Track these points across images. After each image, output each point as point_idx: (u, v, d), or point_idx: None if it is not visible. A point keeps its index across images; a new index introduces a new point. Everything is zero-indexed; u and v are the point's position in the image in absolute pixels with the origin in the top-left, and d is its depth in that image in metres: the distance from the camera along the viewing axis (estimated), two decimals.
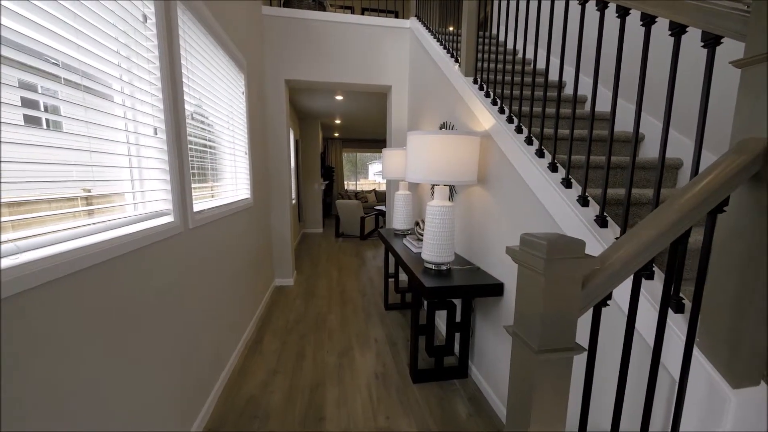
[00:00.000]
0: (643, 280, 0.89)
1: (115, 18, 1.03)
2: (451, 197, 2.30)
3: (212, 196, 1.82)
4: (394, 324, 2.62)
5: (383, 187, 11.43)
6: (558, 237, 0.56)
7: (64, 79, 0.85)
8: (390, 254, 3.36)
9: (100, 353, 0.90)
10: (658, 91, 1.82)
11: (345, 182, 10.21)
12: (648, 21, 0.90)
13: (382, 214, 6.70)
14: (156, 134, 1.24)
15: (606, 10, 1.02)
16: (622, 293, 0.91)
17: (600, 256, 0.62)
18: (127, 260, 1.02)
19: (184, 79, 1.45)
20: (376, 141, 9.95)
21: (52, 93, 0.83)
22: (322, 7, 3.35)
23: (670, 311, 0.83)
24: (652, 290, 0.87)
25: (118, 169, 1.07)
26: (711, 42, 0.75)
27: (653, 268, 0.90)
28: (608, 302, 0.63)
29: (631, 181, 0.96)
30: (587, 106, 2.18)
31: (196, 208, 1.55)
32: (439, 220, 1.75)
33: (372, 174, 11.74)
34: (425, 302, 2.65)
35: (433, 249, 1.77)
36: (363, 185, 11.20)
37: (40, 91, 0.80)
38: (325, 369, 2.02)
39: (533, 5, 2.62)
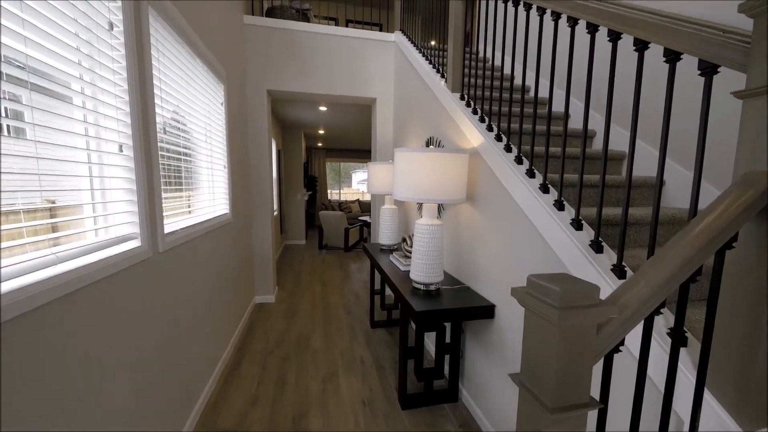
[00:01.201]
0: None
1: (73, 24, 0.93)
2: (439, 214, 2.26)
3: (189, 212, 1.70)
4: (380, 343, 2.53)
5: (367, 197, 11.36)
6: (571, 282, 0.51)
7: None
8: (376, 270, 3.28)
9: (57, 397, 0.77)
10: (650, 114, 1.86)
11: (328, 191, 10.08)
12: (641, 46, 0.89)
13: (367, 225, 6.62)
14: (122, 151, 1.13)
15: (597, 33, 1.03)
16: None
17: (612, 300, 0.57)
18: (86, 293, 0.90)
19: (156, 91, 1.34)
20: (359, 151, 9.92)
21: None
22: (306, 18, 3.30)
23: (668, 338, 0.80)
24: (656, 324, 0.83)
25: (77, 191, 0.96)
26: (708, 70, 0.74)
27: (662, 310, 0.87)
28: (620, 348, 0.59)
29: (627, 207, 0.94)
30: (596, 142, 2.20)
31: (168, 228, 1.43)
32: (428, 239, 1.70)
33: (355, 183, 11.67)
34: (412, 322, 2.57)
35: (421, 269, 1.71)
36: (346, 194, 11.10)
37: None
38: (309, 396, 1.90)
39: (518, 22, 2.66)
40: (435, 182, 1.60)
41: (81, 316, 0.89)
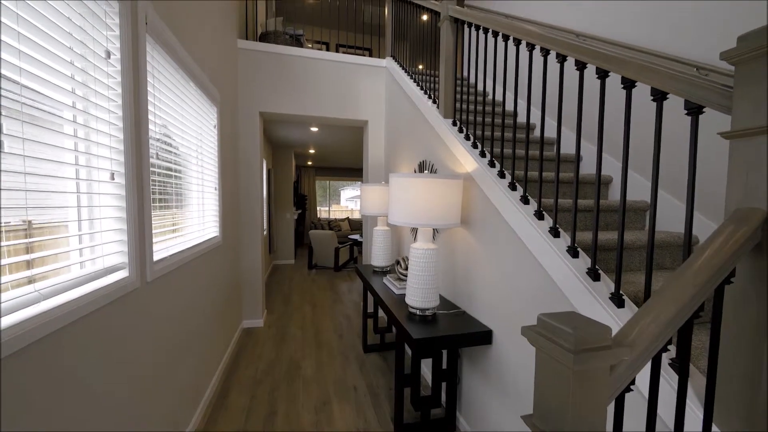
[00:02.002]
0: None
1: (69, 53, 0.92)
2: (433, 237, 2.27)
3: (179, 237, 1.65)
4: (374, 369, 2.46)
5: (356, 215, 11.35)
6: (583, 324, 0.51)
7: None
8: (369, 293, 3.23)
9: None
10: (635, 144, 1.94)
11: (318, 209, 10.03)
12: (628, 85, 0.93)
13: (357, 243, 6.58)
14: (113, 179, 1.09)
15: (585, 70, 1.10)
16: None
17: (622, 339, 0.57)
18: (68, 332, 0.85)
19: (150, 117, 1.33)
20: (349, 169, 9.97)
21: None
22: (299, 43, 3.38)
23: (673, 373, 0.80)
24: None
25: (64, 223, 0.92)
26: (694, 110, 0.78)
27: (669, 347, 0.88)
28: (632, 387, 0.58)
29: (622, 236, 0.96)
30: (584, 167, 2.27)
31: (158, 256, 1.38)
32: (423, 263, 1.69)
33: (344, 200, 11.67)
34: (407, 346, 2.52)
35: (417, 293, 1.70)
36: (335, 211, 11.06)
37: None
38: (301, 428, 1.81)
39: (507, 54, 2.79)
40: (430, 207, 1.61)
41: (62, 357, 0.83)
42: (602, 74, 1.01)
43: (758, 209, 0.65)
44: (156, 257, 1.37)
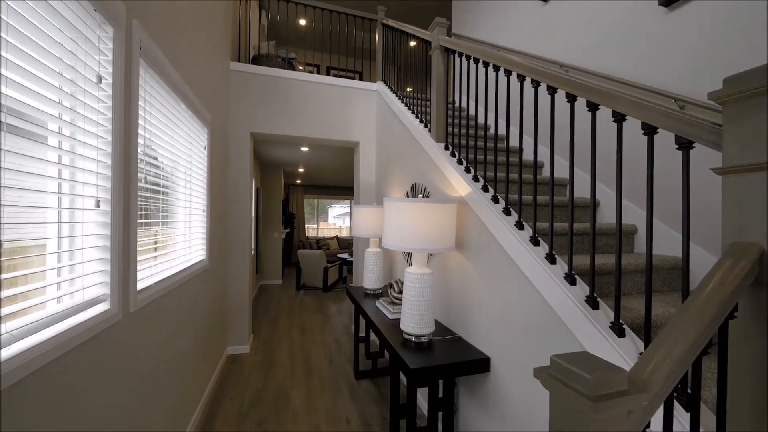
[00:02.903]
0: None
1: (57, 78, 0.89)
2: (428, 260, 2.25)
3: (165, 262, 1.57)
4: (366, 397, 2.37)
5: (345, 233, 11.27)
6: (599, 367, 0.50)
7: None
8: (361, 316, 3.16)
9: None
10: (611, 163, 2.00)
11: (306, 227, 9.91)
12: (619, 118, 0.97)
13: (346, 263, 6.49)
14: (98, 206, 1.04)
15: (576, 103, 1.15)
16: None
17: (635, 380, 0.55)
18: (38, 376, 0.78)
19: (140, 140, 1.29)
20: (338, 187, 9.97)
21: None
22: (291, 66, 3.42)
23: (682, 409, 0.79)
24: None
25: (42, 255, 0.86)
26: (685, 145, 0.81)
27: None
28: (647, 431, 0.56)
29: (619, 264, 0.97)
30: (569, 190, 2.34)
31: (142, 284, 1.31)
32: (419, 288, 1.66)
33: (332, 217, 11.60)
34: (402, 374, 2.44)
35: (413, 319, 1.66)
36: (323, 229, 10.96)
37: None
38: None
39: (498, 82, 2.89)
40: (425, 231, 1.60)
41: (29, 403, 0.76)
42: (593, 107, 1.04)
43: (755, 244, 0.66)
44: (140, 285, 1.30)
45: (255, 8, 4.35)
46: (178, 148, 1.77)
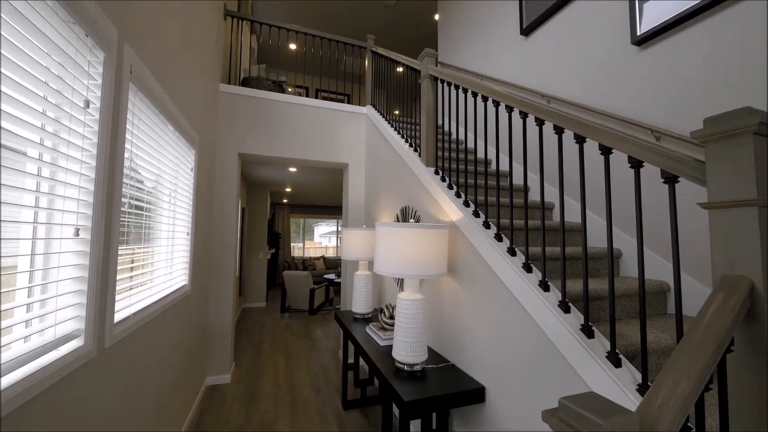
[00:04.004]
0: None
1: (41, 103, 0.86)
2: (420, 285, 2.23)
3: (139, 285, 1.49)
4: (356, 430, 2.26)
5: (331, 252, 11.12)
6: (612, 411, 0.48)
7: None
8: (349, 341, 3.06)
9: None
10: (600, 190, 2.07)
11: (292, 246, 9.73)
12: (605, 151, 1.01)
13: (333, 284, 6.36)
14: (78, 236, 0.99)
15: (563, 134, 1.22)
16: None
17: (645, 416, 0.54)
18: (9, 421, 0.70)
19: (126, 163, 1.25)
20: (325, 207, 9.93)
21: None
22: (281, 89, 3.46)
23: None
24: None
25: (13, 284, 0.80)
26: (671, 179, 0.84)
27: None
28: None
29: (612, 292, 0.98)
30: (556, 214, 2.37)
31: (119, 316, 1.23)
32: (411, 314, 1.63)
33: (318, 236, 11.45)
34: (397, 408, 2.35)
35: (405, 347, 1.61)
36: (309, 247, 10.78)
37: None
38: None
39: (487, 112, 3.00)
40: (417, 257, 1.59)
41: None
42: (580, 140, 1.08)
43: (744, 277, 0.68)
44: (117, 317, 1.22)
45: (246, 32, 4.42)
46: (165, 170, 1.72)
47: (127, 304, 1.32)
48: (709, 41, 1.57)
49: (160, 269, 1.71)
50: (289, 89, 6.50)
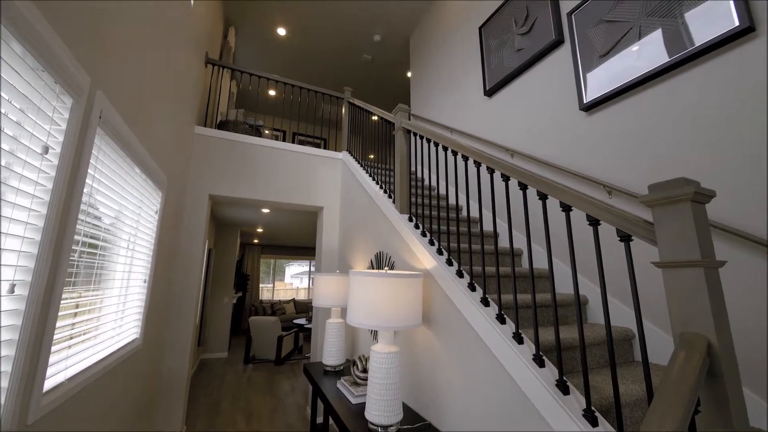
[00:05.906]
0: None
1: None
2: (394, 336, 2.15)
3: (80, 341, 1.32)
4: None
5: (302, 295, 10.66)
6: None
7: None
8: (318, 398, 2.83)
9: None
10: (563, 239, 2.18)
11: (260, 288, 9.23)
12: (566, 208, 1.08)
13: (303, 329, 6.02)
14: (13, 292, 0.88)
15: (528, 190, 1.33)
16: None
17: None
18: None
19: (80, 212, 1.17)
20: (298, 248, 9.69)
21: None
22: (258, 133, 3.50)
23: None
24: None
25: None
26: (625, 238, 0.90)
27: None
28: None
29: (584, 351, 0.99)
30: (524, 260, 2.45)
31: (51, 383, 1.07)
32: (386, 369, 1.55)
33: (289, 276, 11.01)
34: None
35: (379, 406, 1.51)
36: (279, 290, 10.28)
37: None
38: None
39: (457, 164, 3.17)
40: (392, 307, 1.55)
41: None
42: (542, 196, 1.16)
43: (701, 335, 0.72)
44: (49, 384, 1.06)
45: (227, 78, 4.54)
46: (125, 215, 1.63)
47: (63, 367, 1.16)
48: (645, 109, 1.80)
49: (108, 318, 1.55)
50: (266, 132, 6.61)
